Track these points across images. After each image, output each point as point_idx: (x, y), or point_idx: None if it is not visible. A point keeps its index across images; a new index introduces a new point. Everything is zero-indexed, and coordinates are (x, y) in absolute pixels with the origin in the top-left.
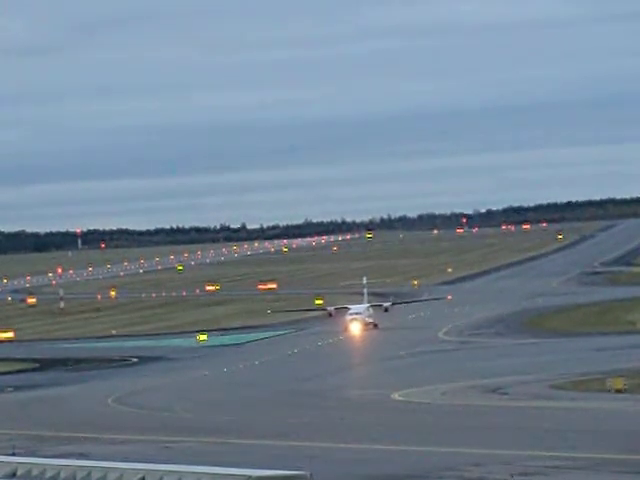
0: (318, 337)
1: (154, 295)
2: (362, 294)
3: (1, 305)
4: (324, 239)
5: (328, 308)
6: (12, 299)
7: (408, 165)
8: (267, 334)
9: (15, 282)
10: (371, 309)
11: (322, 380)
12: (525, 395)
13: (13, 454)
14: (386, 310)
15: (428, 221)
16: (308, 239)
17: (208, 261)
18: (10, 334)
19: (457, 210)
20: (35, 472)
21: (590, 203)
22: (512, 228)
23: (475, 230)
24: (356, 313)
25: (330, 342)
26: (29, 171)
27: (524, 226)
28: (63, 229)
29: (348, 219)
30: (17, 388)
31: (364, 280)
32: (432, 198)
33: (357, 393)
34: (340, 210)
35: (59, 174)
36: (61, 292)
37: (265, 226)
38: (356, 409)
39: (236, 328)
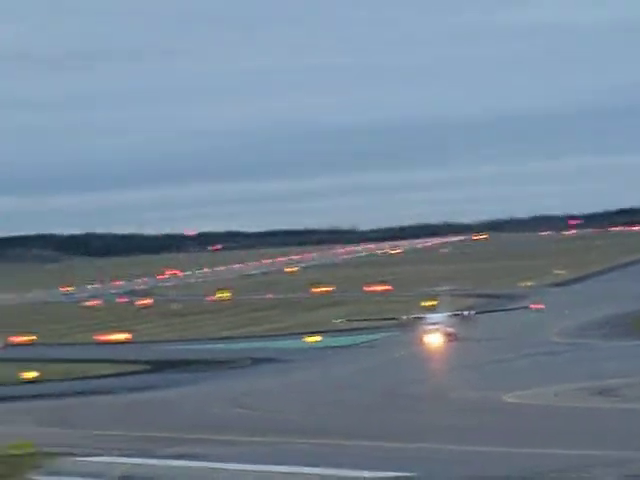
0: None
1: (266, 297)
2: (444, 302)
3: (116, 307)
4: (434, 241)
5: (405, 317)
6: (127, 301)
7: (518, 166)
8: (376, 336)
9: (129, 284)
10: (453, 318)
11: (428, 383)
12: (636, 398)
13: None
14: (469, 319)
15: (538, 222)
16: (418, 241)
17: (319, 263)
18: (125, 336)
19: (567, 212)
20: (147, 473)
21: None
22: (622, 229)
23: (585, 231)
24: (435, 323)
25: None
26: (141, 175)
27: (634, 228)
28: (176, 231)
29: (458, 221)
30: (131, 390)
31: (445, 287)
32: (542, 200)
33: (467, 395)
34: (451, 212)
35: (172, 177)
36: (174, 294)
37: (375, 228)
38: (467, 411)
39: (346, 330)
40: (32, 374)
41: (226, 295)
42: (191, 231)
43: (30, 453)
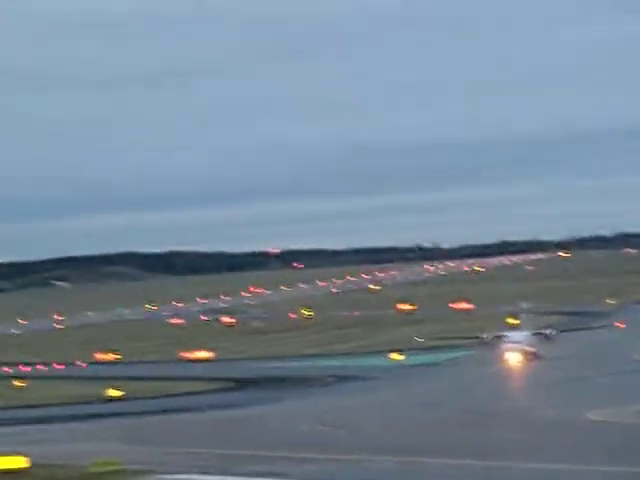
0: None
1: (349, 314)
2: (522, 320)
3: (200, 325)
4: (518, 258)
5: (485, 336)
6: (210, 319)
7: (602, 183)
8: (458, 354)
9: (212, 302)
10: (533, 337)
11: (510, 401)
12: None
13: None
14: (550, 337)
15: (623, 240)
16: (502, 258)
17: (402, 281)
18: (209, 354)
19: None
20: None
21: None
22: None
23: None
24: (515, 342)
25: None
26: (225, 192)
27: None
28: (259, 249)
29: (542, 238)
30: (214, 407)
31: (524, 305)
32: (626, 217)
33: (549, 413)
34: (534, 229)
35: (255, 195)
36: (258, 312)
37: (458, 245)
38: (550, 429)
39: (429, 348)
40: (117, 392)
41: (309, 313)
42: (274, 249)
43: (115, 470)
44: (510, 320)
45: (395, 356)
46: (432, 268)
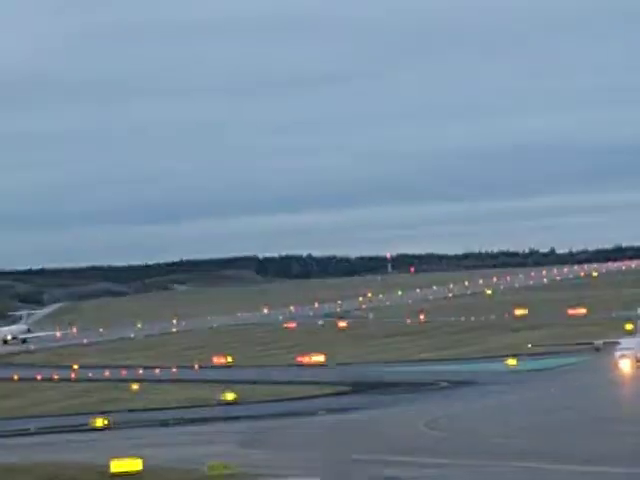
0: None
1: (463, 319)
2: (638, 326)
3: (313, 329)
4: (636, 263)
5: (595, 342)
6: (324, 323)
7: None
8: (572, 360)
9: (327, 306)
10: None
11: (629, 407)
12: None
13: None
14: None
15: None
16: (619, 263)
17: (517, 285)
18: (321, 358)
19: None
20: None
21: None
22: None
23: None
24: (628, 348)
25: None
26: (341, 197)
27: None
28: (373, 253)
29: None
30: (329, 411)
31: (639, 310)
32: None
33: None
34: None
35: (372, 198)
36: (371, 316)
37: (574, 250)
38: None
39: (543, 353)
40: (231, 395)
41: (424, 317)
42: (389, 253)
43: (229, 474)
44: (628, 326)
45: (509, 361)
46: (547, 273)
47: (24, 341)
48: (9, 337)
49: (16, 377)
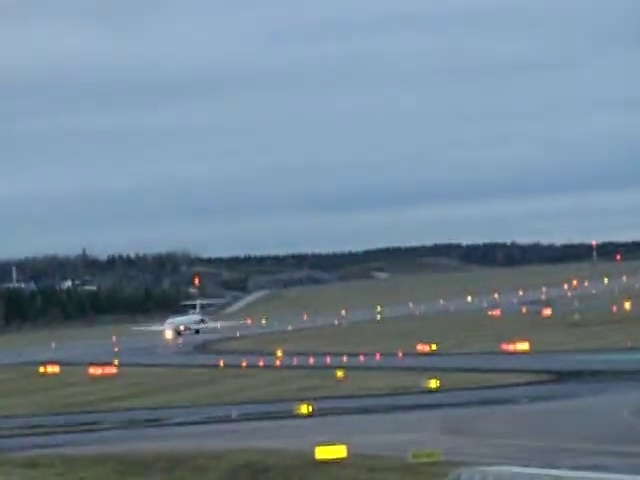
0: None
1: None
2: None
3: (517, 316)
4: None
5: None
6: (528, 310)
7: None
8: None
9: (531, 294)
10: None
11: None
12: None
13: (524, 465)
14: None
15: None
16: None
17: None
18: (525, 345)
19: None
20: None
21: None
22: None
23: None
24: None
25: None
26: (542, 183)
27: None
28: (578, 241)
29: None
30: (533, 399)
31: None
32: None
33: None
34: None
35: (574, 186)
36: (576, 304)
37: None
38: None
39: None
40: (435, 383)
41: (629, 305)
42: (594, 240)
43: (434, 462)
44: None
45: None
46: None
47: (197, 332)
48: (182, 327)
49: (221, 363)
